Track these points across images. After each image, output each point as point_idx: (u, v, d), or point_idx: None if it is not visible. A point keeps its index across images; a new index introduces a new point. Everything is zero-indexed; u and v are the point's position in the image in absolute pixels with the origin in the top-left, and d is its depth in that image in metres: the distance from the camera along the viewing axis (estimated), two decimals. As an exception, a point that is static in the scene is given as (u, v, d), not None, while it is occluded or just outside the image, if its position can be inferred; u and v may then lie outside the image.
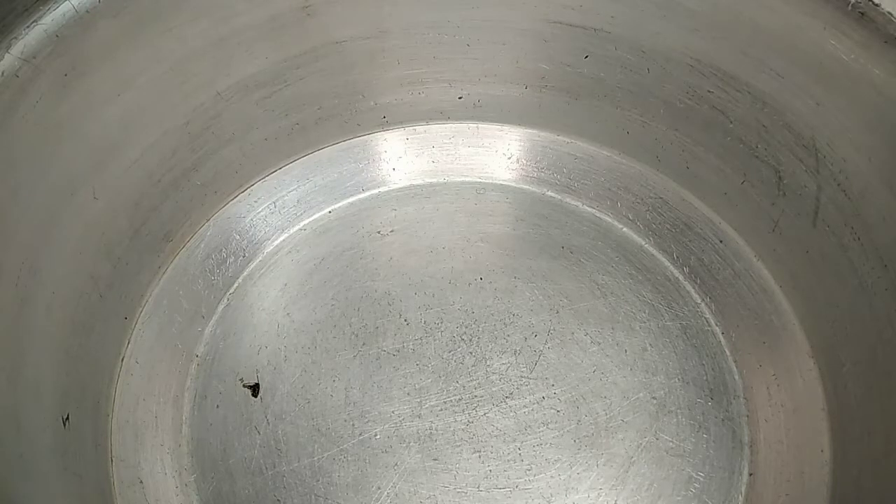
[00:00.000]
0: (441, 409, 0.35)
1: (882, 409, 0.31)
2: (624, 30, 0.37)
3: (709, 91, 0.37)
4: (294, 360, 0.37)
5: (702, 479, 0.34)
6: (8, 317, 0.28)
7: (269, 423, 0.35)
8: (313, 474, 0.34)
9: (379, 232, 0.40)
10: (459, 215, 0.41)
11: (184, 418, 0.35)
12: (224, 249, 0.40)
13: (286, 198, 0.42)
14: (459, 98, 0.44)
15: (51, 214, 0.30)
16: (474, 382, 0.36)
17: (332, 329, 0.37)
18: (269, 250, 0.41)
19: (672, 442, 0.34)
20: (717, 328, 0.38)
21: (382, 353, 0.37)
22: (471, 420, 0.34)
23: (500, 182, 0.43)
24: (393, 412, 0.35)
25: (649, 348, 0.37)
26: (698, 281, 0.39)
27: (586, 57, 0.40)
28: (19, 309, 0.29)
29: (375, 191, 0.43)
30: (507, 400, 0.35)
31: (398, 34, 0.39)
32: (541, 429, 0.35)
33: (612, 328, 0.37)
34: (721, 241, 0.40)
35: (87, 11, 0.29)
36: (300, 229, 0.41)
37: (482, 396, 0.36)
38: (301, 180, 0.43)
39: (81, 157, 0.32)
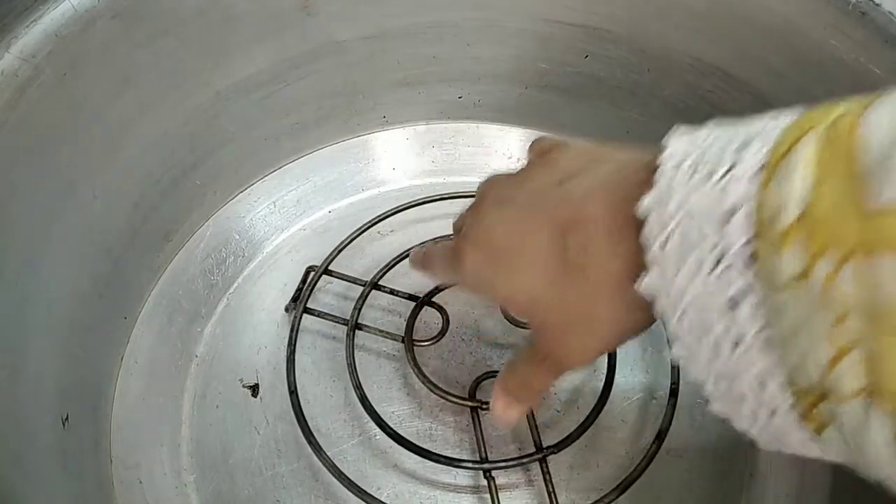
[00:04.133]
0: (441, 409, 0.35)
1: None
2: (624, 30, 0.37)
3: (709, 91, 0.37)
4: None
5: (702, 479, 0.34)
6: (8, 317, 0.28)
7: (268, 423, 0.35)
8: (313, 474, 0.34)
9: (379, 232, 0.40)
10: (459, 215, 0.41)
11: (183, 418, 0.35)
12: (224, 249, 0.40)
13: (286, 198, 0.42)
14: (459, 98, 0.44)
15: (51, 214, 0.30)
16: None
17: (332, 329, 0.37)
18: (268, 250, 0.41)
19: (672, 442, 0.34)
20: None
21: (382, 353, 0.37)
22: (471, 420, 0.34)
23: (500, 182, 0.43)
24: (393, 412, 0.35)
25: (649, 348, 0.37)
26: (698, 281, 0.39)
27: (586, 57, 0.40)
28: (19, 309, 0.29)
29: (375, 191, 0.43)
30: (507, 400, 0.35)
31: (398, 34, 0.39)
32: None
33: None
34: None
35: (87, 11, 0.29)
36: (300, 229, 0.41)
37: (482, 396, 0.36)
38: (301, 180, 0.43)
39: (81, 157, 0.32)
